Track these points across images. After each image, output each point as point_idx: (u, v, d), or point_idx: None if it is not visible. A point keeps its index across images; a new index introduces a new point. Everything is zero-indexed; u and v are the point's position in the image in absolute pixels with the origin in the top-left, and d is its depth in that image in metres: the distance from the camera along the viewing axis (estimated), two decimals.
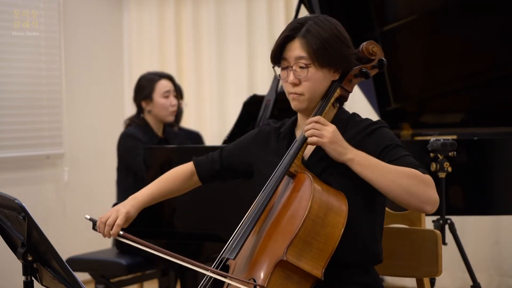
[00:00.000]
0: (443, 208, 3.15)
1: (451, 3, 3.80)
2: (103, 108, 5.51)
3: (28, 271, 1.77)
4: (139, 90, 3.96)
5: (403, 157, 1.90)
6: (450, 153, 3.04)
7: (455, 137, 3.68)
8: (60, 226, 5.01)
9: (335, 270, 1.85)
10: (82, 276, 3.47)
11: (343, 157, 1.87)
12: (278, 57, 1.98)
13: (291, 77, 1.95)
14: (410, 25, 3.93)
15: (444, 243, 3.06)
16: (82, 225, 5.23)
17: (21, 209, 1.68)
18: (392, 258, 2.13)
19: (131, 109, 5.57)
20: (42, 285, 1.85)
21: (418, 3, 3.92)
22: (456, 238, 3.32)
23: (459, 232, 3.40)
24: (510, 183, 3.23)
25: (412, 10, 3.91)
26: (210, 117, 5.53)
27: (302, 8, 3.80)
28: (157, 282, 4.05)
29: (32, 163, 4.95)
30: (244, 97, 4.09)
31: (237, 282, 1.81)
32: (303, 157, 1.96)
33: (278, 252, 1.79)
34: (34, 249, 1.74)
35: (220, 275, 1.85)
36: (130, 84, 5.68)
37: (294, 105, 1.99)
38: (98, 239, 4.87)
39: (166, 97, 3.91)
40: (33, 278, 1.80)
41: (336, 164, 1.89)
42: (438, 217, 3.19)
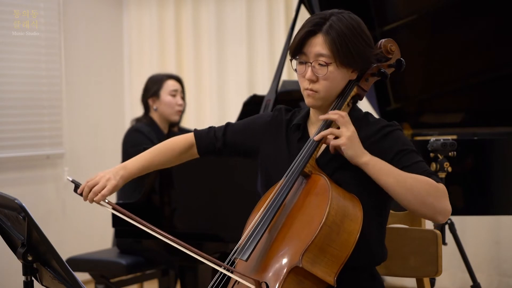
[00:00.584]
0: None
1: (451, 3, 3.80)
2: (103, 108, 5.51)
3: (28, 271, 1.77)
4: (147, 88, 4.00)
5: (417, 163, 1.86)
6: (450, 153, 3.04)
7: (455, 137, 3.67)
8: (60, 226, 5.00)
9: (342, 273, 1.79)
10: (82, 276, 3.47)
11: (359, 159, 1.83)
12: (298, 52, 1.92)
13: (309, 74, 1.89)
14: (410, 25, 3.92)
15: (444, 243, 3.07)
16: (82, 225, 5.28)
17: (21, 209, 1.68)
18: (392, 258, 2.13)
19: (131, 109, 5.59)
20: (42, 285, 1.85)
21: (418, 3, 3.91)
22: (456, 238, 3.33)
23: (459, 232, 3.41)
24: (510, 183, 3.23)
25: (412, 10, 3.90)
26: (210, 117, 5.52)
27: (302, 8, 3.80)
28: (157, 282, 4.05)
29: (32, 163, 4.95)
30: (244, 97, 4.08)
31: (250, 281, 1.75)
32: None
33: (293, 258, 1.74)
34: (34, 249, 1.73)
35: (229, 270, 1.80)
36: (130, 84, 5.69)
37: (309, 101, 1.93)
38: (98, 239, 4.92)
39: (173, 96, 3.95)
40: (33, 278, 1.80)
41: (349, 165, 1.85)
42: None
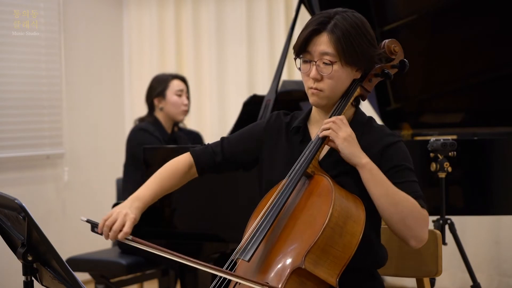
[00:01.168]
0: (443, 208, 3.14)
1: (451, 3, 3.80)
2: (103, 108, 5.51)
3: (28, 271, 1.77)
4: (152, 88, 3.99)
5: (409, 182, 1.86)
6: (450, 153, 3.04)
7: (455, 137, 3.67)
8: (60, 226, 5.00)
9: (343, 274, 1.79)
10: (82, 276, 3.47)
11: (356, 159, 1.83)
12: (302, 50, 1.91)
13: (313, 72, 1.89)
14: (410, 25, 3.92)
15: (444, 243, 3.06)
16: (82, 225, 5.24)
17: (21, 209, 1.68)
18: (392, 258, 2.13)
19: (131, 109, 5.59)
20: (42, 285, 1.85)
21: (418, 3, 3.91)
22: (456, 238, 3.32)
23: (459, 232, 3.40)
24: (510, 183, 3.23)
25: (412, 10, 3.90)
26: (210, 117, 5.53)
27: (302, 8, 3.80)
28: (157, 282, 4.05)
29: (32, 163, 4.95)
30: (244, 97, 4.08)
31: (257, 286, 1.73)
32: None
33: (296, 259, 1.73)
34: (34, 249, 1.73)
35: (237, 277, 1.76)
36: (130, 84, 5.69)
37: (313, 100, 1.93)
38: (98, 239, 4.92)
39: (179, 96, 3.95)
40: (33, 278, 1.79)
41: (351, 169, 1.85)
42: (438, 217, 3.19)
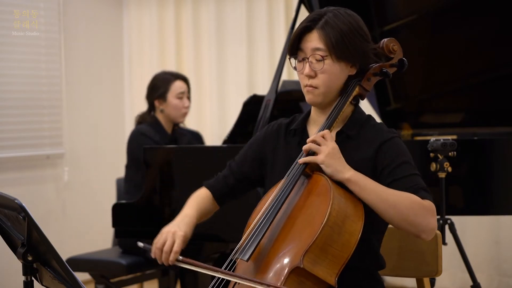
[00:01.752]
0: (443, 208, 3.14)
1: (451, 3, 3.80)
2: (103, 108, 5.51)
3: (28, 271, 1.77)
4: (153, 88, 3.98)
5: (407, 177, 1.86)
6: (450, 153, 3.04)
7: (455, 137, 3.67)
8: (60, 226, 5.01)
9: (343, 274, 1.79)
10: (82, 276, 3.47)
11: (339, 175, 1.82)
12: (295, 48, 1.94)
13: (307, 69, 1.92)
14: (410, 25, 3.92)
15: (444, 243, 3.06)
16: (82, 225, 5.28)
17: (21, 209, 1.68)
18: (392, 258, 2.13)
19: (131, 109, 5.59)
20: (42, 285, 1.85)
21: (418, 3, 3.91)
22: (456, 238, 3.32)
23: (459, 232, 3.40)
24: (510, 183, 3.23)
25: (412, 10, 3.90)
26: (210, 117, 5.53)
27: (302, 8, 3.80)
28: (157, 282, 4.05)
29: (32, 163, 4.95)
30: (244, 97, 4.08)
31: (257, 285, 1.72)
32: None
33: (294, 259, 1.74)
34: (34, 249, 1.73)
35: (237, 277, 1.76)
36: (130, 84, 5.69)
37: (309, 98, 1.94)
38: (98, 239, 4.92)
39: (180, 98, 3.93)
40: (33, 278, 1.79)
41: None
42: (438, 217, 3.19)
